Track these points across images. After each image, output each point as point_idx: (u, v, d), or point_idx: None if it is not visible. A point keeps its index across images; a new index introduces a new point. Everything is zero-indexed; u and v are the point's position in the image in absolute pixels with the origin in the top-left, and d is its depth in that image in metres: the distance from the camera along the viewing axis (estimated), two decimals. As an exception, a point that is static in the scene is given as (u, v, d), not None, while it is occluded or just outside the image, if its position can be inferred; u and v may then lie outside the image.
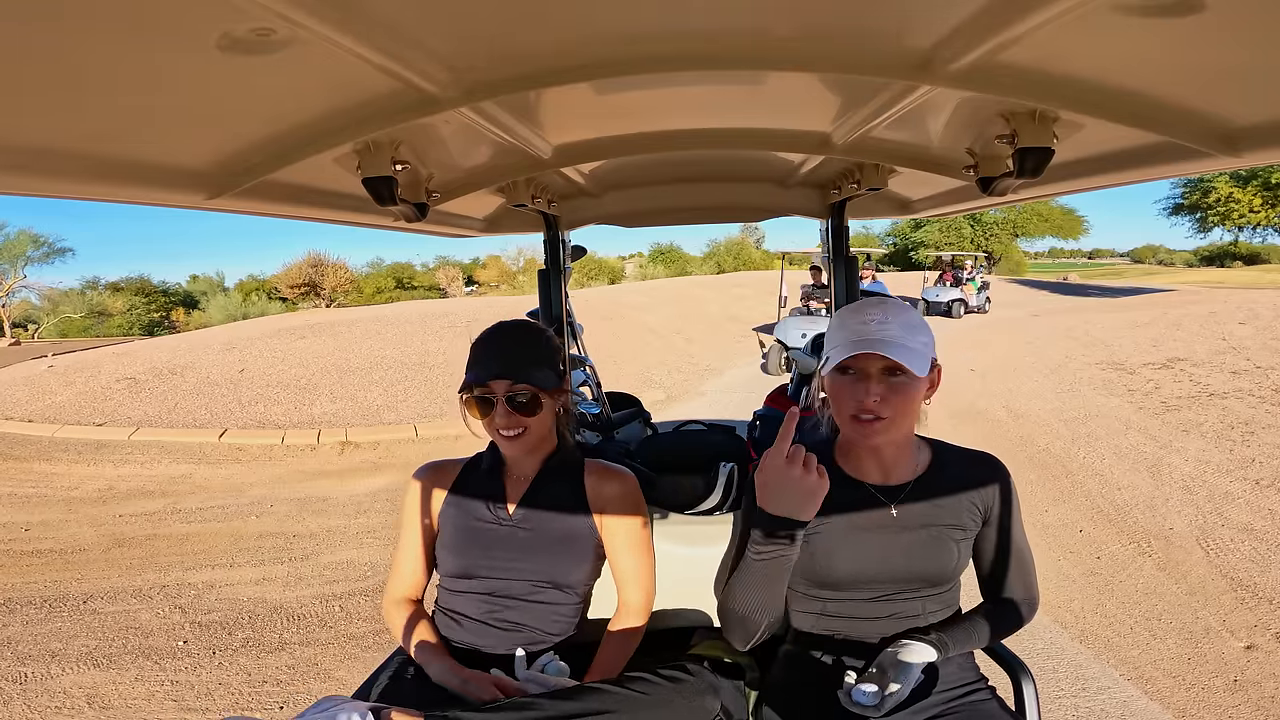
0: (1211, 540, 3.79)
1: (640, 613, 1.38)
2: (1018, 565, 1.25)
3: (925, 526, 1.21)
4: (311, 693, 2.68)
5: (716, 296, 18.28)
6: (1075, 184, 1.25)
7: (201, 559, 3.99)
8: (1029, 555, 1.28)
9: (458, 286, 35.07)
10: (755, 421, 3.03)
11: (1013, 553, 1.25)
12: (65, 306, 29.56)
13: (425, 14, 0.64)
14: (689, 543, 1.55)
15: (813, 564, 1.21)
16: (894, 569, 1.20)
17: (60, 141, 0.75)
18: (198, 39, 0.58)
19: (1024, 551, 1.27)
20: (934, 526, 1.21)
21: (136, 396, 7.79)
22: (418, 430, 6.77)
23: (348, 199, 1.25)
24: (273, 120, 0.86)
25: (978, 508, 1.24)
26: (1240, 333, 9.34)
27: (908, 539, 1.20)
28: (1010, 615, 1.25)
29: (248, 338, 10.34)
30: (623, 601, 1.39)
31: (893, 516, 1.21)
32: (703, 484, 1.81)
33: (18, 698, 2.68)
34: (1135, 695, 2.55)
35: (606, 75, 0.82)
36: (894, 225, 40.04)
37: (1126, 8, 0.59)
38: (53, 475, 5.70)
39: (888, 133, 1.18)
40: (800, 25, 0.73)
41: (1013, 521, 1.25)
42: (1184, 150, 0.93)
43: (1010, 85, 0.82)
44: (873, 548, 1.20)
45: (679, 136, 1.29)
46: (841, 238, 1.91)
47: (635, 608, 1.37)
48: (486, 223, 2.03)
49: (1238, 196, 29.66)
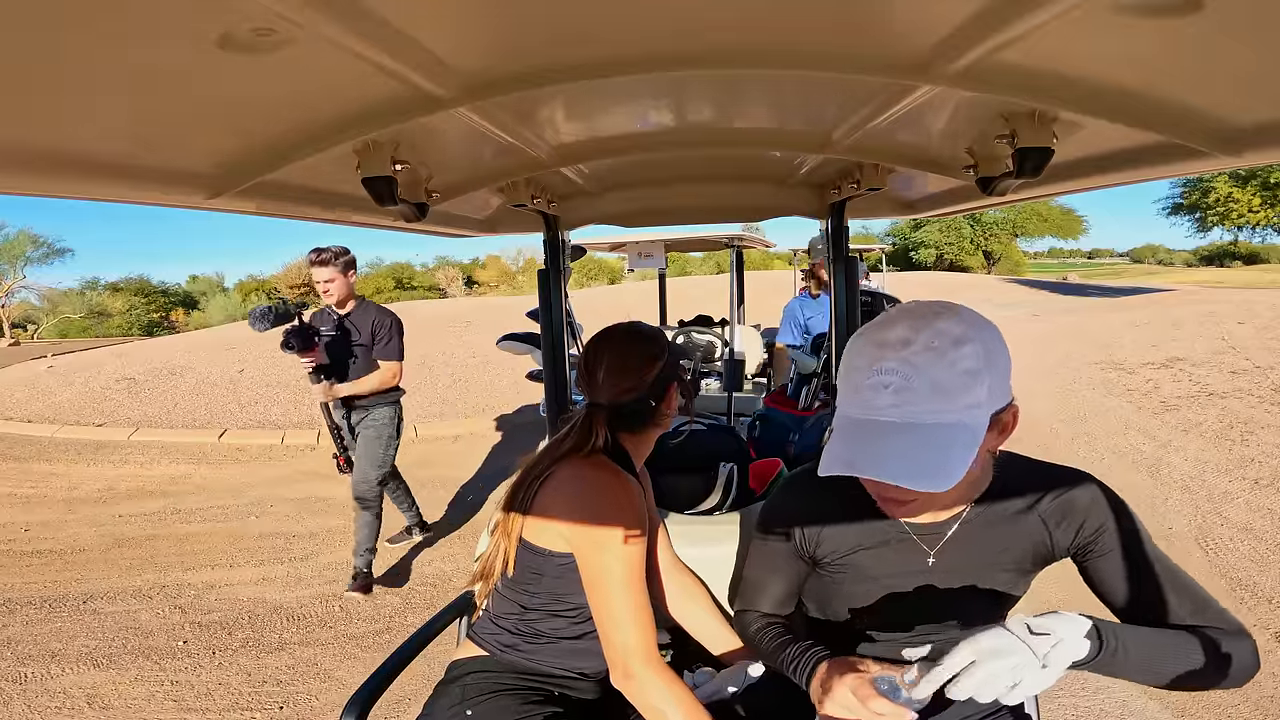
0: (1211, 540, 3.79)
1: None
2: (1171, 587, 0.95)
3: (972, 572, 1.02)
4: (311, 693, 2.68)
5: (716, 296, 18.26)
6: (1075, 184, 1.25)
7: (201, 559, 3.99)
8: (1184, 576, 0.97)
9: (458, 287, 35.06)
10: (755, 421, 3.04)
11: (1147, 576, 0.96)
12: (65, 307, 29.59)
13: (425, 14, 0.64)
14: (689, 542, 1.55)
15: (833, 607, 1.11)
16: (929, 620, 1.04)
17: (60, 141, 0.75)
18: (198, 39, 0.58)
19: (1173, 572, 0.97)
20: (984, 570, 1.02)
21: (136, 396, 7.78)
22: (417, 430, 6.76)
23: (348, 199, 1.25)
24: (273, 120, 0.86)
25: (1048, 542, 1.01)
26: (1239, 332, 9.34)
27: (947, 588, 1.02)
28: (1214, 639, 0.91)
29: (247, 338, 10.33)
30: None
31: (928, 564, 1.03)
32: (703, 484, 1.81)
33: (18, 698, 2.68)
34: (1134, 695, 2.55)
35: (606, 75, 0.82)
36: (894, 225, 40.12)
37: (1126, 8, 0.59)
38: (52, 475, 5.70)
39: (888, 133, 1.18)
40: (800, 25, 0.73)
41: (1128, 544, 0.98)
42: (1184, 150, 0.93)
43: (1010, 85, 0.82)
44: (903, 600, 1.04)
45: (679, 136, 1.29)
46: (841, 238, 1.91)
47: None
48: (486, 223, 2.03)
49: (1237, 196, 29.67)
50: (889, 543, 1.04)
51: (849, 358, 0.90)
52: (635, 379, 1.29)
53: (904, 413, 0.83)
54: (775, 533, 1.18)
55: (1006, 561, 1.01)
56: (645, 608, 1.16)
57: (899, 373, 0.83)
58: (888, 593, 1.04)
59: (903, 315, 0.88)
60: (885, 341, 0.85)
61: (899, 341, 0.84)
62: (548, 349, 2.04)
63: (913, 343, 0.84)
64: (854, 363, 0.88)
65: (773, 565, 1.21)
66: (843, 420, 0.88)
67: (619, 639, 1.14)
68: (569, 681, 1.27)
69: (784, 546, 1.17)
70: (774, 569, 1.21)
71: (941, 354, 0.83)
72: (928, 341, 0.83)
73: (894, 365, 0.83)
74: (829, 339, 2.10)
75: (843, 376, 0.90)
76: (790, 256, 12.51)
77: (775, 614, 1.23)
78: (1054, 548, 1.01)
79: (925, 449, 0.81)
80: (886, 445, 0.82)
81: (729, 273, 4.92)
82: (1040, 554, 1.02)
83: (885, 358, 0.84)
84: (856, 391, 0.86)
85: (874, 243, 23.50)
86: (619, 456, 1.28)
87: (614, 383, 1.29)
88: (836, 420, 0.90)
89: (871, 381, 0.84)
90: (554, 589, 1.23)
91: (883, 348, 0.85)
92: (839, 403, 0.90)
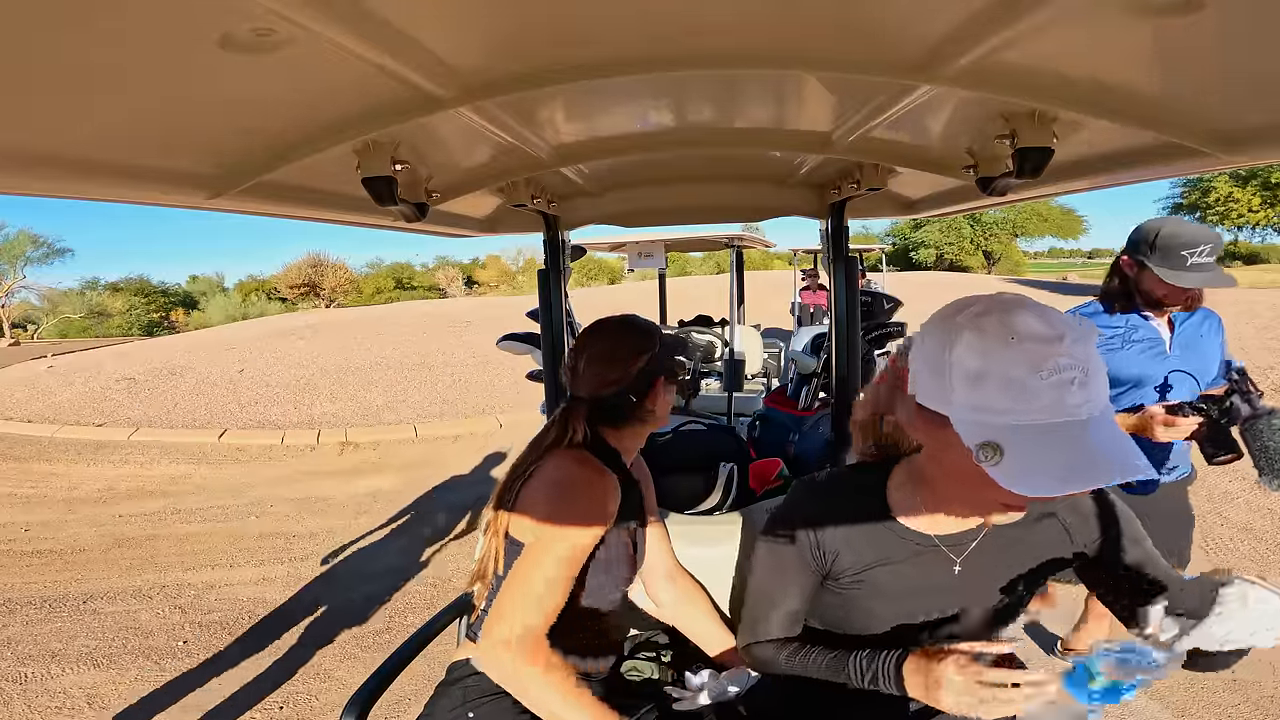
0: (1211, 540, 3.79)
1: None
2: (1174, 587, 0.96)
3: (997, 578, 1.00)
4: (311, 693, 2.68)
5: (716, 296, 18.27)
6: (1075, 184, 1.25)
7: (201, 559, 3.99)
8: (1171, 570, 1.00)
9: (458, 287, 35.09)
10: (755, 421, 3.04)
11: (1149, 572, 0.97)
12: (65, 307, 29.61)
13: (426, 14, 0.64)
14: (689, 542, 1.55)
15: (847, 620, 1.06)
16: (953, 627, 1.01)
17: (61, 142, 0.75)
18: (198, 39, 0.58)
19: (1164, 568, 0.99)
20: (1008, 576, 1.00)
21: (136, 397, 7.79)
22: (417, 430, 6.77)
23: (348, 199, 1.25)
24: (273, 120, 0.86)
25: (1069, 546, 1.01)
26: (1239, 332, 9.34)
27: (970, 595, 1.00)
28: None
29: (247, 338, 10.34)
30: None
31: (954, 574, 1.00)
32: (703, 484, 1.81)
33: (18, 698, 2.68)
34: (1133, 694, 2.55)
35: (607, 75, 0.82)
36: (894, 225, 40.14)
37: (1126, 8, 0.60)
38: (52, 475, 5.70)
39: (888, 133, 1.18)
40: (800, 25, 0.73)
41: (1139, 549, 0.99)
42: (1184, 150, 0.93)
43: (1010, 85, 0.82)
44: (927, 610, 1.01)
45: (679, 136, 1.29)
46: (841, 238, 1.91)
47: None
48: (486, 223, 2.03)
49: (1237, 196, 29.66)
50: (914, 556, 1.00)
51: (993, 364, 0.77)
52: (619, 372, 1.25)
53: (1094, 406, 0.76)
54: (786, 543, 1.09)
55: (1030, 566, 1.00)
56: (552, 604, 1.12)
57: (1078, 365, 0.75)
58: (910, 604, 1.01)
59: (1010, 307, 0.80)
60: (1034, 335, 0.76)
61: (1051, 335, 0.76)
62: (548, 349, 2.04)
63: (1062, 331, 0.77)
64: (1009, 370, 0.76)
65: (784, 579, 1.11)
66: (1026, 432, 0.75)
67: (510, 615, 1.11)
68: None
69: (796, 558, 1.08)
70: (786, 583, 1.11)
71: (1088, 337, 0.78)
72: (1067, 326, 0.77)
73: (1068, 359, 0.75)
74: (829, 339, 2.10)
75: (993, 387, 0.77)
76: (790, 256, 12.50)
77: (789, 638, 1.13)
78: (1073, 552, 1.00)
79: (1120, 438, 0.76)
80: (1094, 446, 0.75)
81: (729, 273, 4.92)
82: (1061, 558, 1.01)
83: (1055, 352, 0.75)
84: (1031, 396, 0.75)
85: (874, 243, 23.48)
86: (603, 451, 1.26)
87: (595, 375, 1.26)
88: (1007, 434, 0.76)
89: (1053, 380, 0.75)
90: None
91: (1043, 342, 0.76)
92: (991, 415, 0.77)
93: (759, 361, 5.30)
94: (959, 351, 0.79)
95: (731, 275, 4.91)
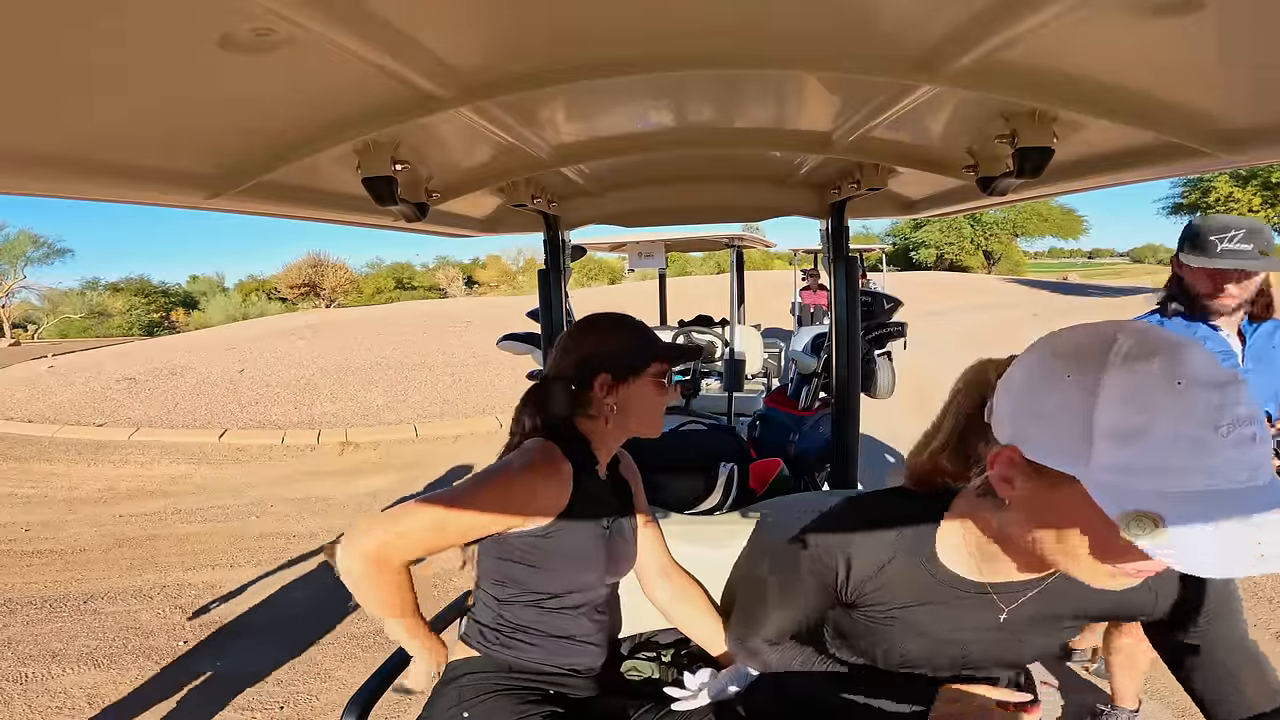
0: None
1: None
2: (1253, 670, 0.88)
3: (1044, 625, 0.92)
4: (311, 693, 2.68)
5: (716, 296, 18.28)
6: (1075, 184, 1.25)
7: (201, 559, 3.99)
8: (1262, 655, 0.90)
9: (458, 287, 35.10)
10: (755, 421, 3.04)
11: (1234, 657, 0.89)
12: (65, 307, 29.64)
13: (426, 14, 0.64)
14: (689, 542, 1.55)
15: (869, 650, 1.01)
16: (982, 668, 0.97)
17: (61, 142, 0.75)
18: (198, 39, 0.58)
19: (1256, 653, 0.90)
20: (1055, 623, 0.93)
21: (136, 397, 7.79)
22: (418, 430, 6.76)
23: (348, 199, 1.25)
24: (272, 120, 0.86)
25: (1150, 608, 0.91)
26: (1240, 332, 9.33)
27: (1009, 639, 0.94)
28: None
29: (247, 338, 10.34)
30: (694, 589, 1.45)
31: (998, 620, 0.92)
32: (703, 484, 1.81)
33: (18, 698, 2.68)
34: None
35: (606, 75, 0.82)
36: (894, 225, 40.15)
37: (1126, 7, 0.60)
38: (53, 475, 5.70)
39: (888, 133, 1.18)
40: (800, 25, 0.73)
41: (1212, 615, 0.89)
42: (1184, 150, 0.93)
43: (1010, 85, 0.82)
44: (960, 650, 0.96)
45: (679, 135, 1.29)
46: (841, 238, 1.91)
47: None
48: (486, 223, 2.03)
49: (1237, 196, 29.64)
50: (957, 599, 0.91)
51: (1159, 417, 0.62)
52: (569, 360, 1.24)
53: (1270, 466, 0.62)
54: (812, 560, 1.00)
55: (1083, 615, 0.92)
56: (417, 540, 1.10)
57: (1256, 417, 0.61)
58: (944, 644, 0.95)
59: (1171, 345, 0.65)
60: (1206, 379, 0.62)
61: (1224, 379, 0.62)
62: (548, 349, 2.04)
63: (1233, 374, 0.63)
64: (1179, 425, 0.61)
65: (794, 593, 1.05)
66: (1197, 501, 0.60)
67: (382, 523, 1.09)
68: (561, 678, 1.27)
69: (817, 581, 1.00)
70: (795, 595, 1.05)
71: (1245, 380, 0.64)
72: (1231, 369, 0.65)
73: (1246, 409, 0.61)
74: (829, 339, 2.10)
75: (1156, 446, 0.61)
76: (790, 256, 12.51)
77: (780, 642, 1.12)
78: (1154, 614, 0.91)
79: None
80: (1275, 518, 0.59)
81: (729, 273, 4.92)
82: (1131, 614, 0.93)
83: (1231, 400, 0.61)
84: (1208, 454, 0.60)
85: (874, 243, 23.49)
86: (573, 440, 1.23)
87: (552, 361, 1.29)
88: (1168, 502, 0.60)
89: (1233, 436, 0.60)
90: (513, 575, 1.22)
91: (1216, 388, 0.61)
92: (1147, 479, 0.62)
93: (759, 361, 5.29)
94: (1105, 400, 0.63)
95: (732, 275, 4.92)
